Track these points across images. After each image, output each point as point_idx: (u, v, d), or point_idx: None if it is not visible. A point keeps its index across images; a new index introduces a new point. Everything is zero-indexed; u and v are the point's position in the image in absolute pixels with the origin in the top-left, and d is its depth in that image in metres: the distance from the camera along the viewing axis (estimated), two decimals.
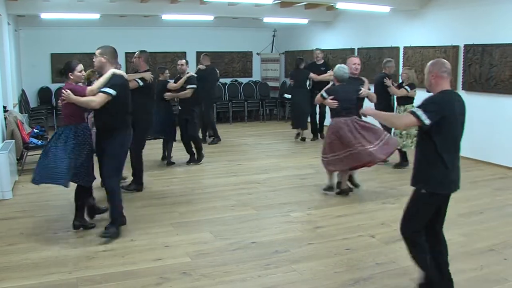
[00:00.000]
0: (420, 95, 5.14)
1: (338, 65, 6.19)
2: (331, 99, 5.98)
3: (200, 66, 9.56)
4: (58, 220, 5.18)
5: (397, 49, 9.81)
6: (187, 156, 7.99)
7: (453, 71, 8.51)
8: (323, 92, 6.16)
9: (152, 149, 8.10)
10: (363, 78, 6.64)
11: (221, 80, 12.41)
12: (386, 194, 6.32)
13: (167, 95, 7.68)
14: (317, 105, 9.27)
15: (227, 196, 6.25)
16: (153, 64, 11.02)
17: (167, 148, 8.03)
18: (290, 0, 10.14)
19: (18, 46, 11.12)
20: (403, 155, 7.72)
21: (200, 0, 9.89)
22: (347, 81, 6.10)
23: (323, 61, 10.17)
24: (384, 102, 7.30)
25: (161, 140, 8.16)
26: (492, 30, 7.76)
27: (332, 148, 5.96)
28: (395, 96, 7.76)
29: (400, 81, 7.86)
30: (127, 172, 6.38)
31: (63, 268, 4.06)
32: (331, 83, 6.48)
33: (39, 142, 7.50)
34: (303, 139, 10.11)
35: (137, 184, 6.41)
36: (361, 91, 6.17)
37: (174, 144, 7.97)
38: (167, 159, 7.99)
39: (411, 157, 7.73)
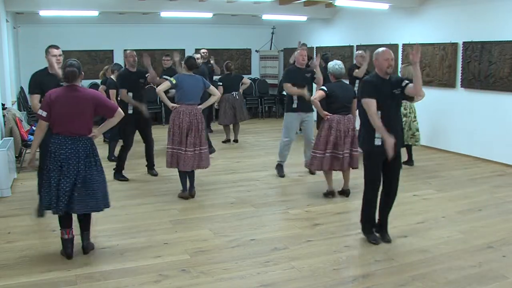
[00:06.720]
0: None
1: (333, 62, 6.09)
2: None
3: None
4: (56, 217, 5.16)
5: (396, 46, 9.79)
6: None
7: (452, 68, 8.58)
8: (324, 87, 6.00)
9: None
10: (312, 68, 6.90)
11: None
12: None
13: None
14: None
15: (226, 193, 6.25)
16: (153, 62, 11.04)
17: None
18: None
19: (16, 44, 11.09)
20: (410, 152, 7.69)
21: None
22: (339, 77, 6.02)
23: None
24: None
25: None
26: (491, 27, 7.76)
27: (325, 144, 5.84)
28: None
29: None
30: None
31: (61, 265, 4.06)
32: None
33: None
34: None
35: None
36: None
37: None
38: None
39: (415, 157, 7.82)
